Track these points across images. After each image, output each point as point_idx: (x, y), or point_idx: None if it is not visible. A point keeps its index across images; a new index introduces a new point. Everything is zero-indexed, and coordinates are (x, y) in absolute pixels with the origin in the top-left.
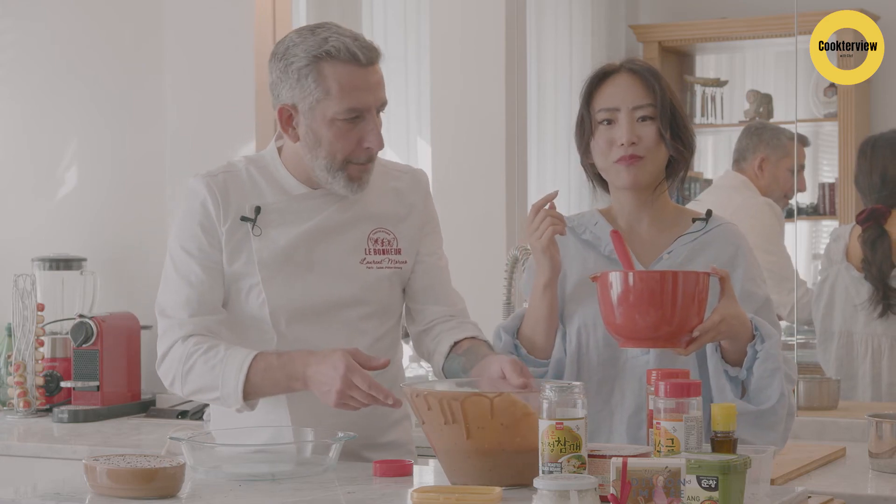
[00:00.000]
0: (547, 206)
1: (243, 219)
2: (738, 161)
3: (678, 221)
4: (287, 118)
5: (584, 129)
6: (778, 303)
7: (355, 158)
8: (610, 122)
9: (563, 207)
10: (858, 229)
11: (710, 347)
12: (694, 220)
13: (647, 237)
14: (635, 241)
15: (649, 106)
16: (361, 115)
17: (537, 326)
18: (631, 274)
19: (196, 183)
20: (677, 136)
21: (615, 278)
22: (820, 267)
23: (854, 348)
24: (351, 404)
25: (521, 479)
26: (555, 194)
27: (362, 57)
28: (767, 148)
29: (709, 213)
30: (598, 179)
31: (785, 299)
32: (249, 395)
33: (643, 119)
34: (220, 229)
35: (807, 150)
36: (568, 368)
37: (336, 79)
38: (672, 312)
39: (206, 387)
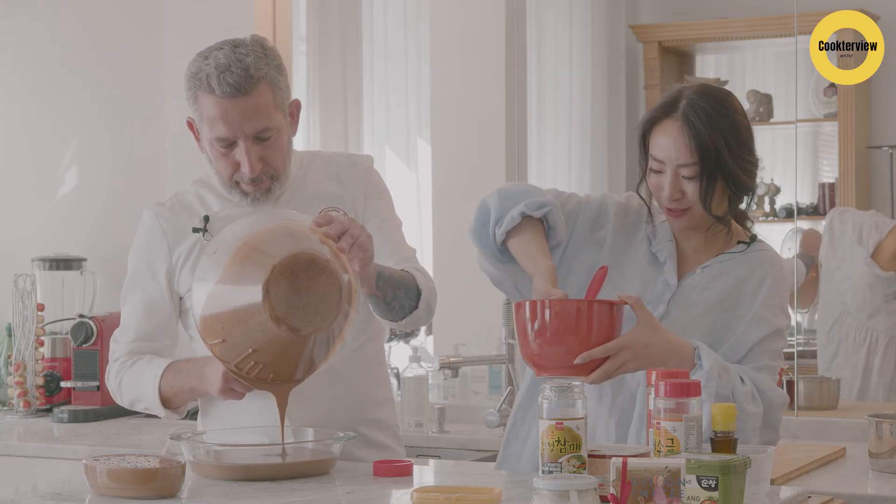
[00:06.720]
0: None
1: (194, 230)
2: None
3: (726, 241)
4: (193, 129)
5: (641, 164)
6: None
7: (240, 178)
8: (659, 171)
9: None
10: None
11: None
12: (738, 243)
13: (691, 251)
14: (682, 250)
15: (693, 165)
16: (233, 142)
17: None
18: (532, 303)
19: (145, 214)
20: (731, 183)
21: (527, 307)
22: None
23: (849, 338)
24: (237, 390)
25: None
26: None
27: (227, 89)
28: None
29: (753, 237)
30: None
31: None
32: (167, 402)
33: (687, 178)
34: (164, 257)
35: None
36: None
37: (206, 107)
38: (578, 341)
39: (135, 399)
